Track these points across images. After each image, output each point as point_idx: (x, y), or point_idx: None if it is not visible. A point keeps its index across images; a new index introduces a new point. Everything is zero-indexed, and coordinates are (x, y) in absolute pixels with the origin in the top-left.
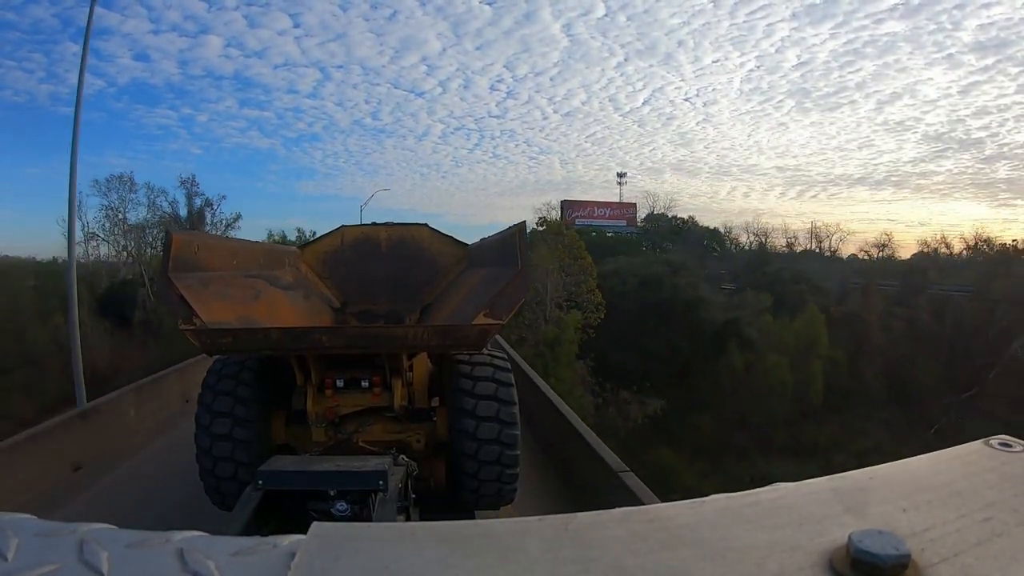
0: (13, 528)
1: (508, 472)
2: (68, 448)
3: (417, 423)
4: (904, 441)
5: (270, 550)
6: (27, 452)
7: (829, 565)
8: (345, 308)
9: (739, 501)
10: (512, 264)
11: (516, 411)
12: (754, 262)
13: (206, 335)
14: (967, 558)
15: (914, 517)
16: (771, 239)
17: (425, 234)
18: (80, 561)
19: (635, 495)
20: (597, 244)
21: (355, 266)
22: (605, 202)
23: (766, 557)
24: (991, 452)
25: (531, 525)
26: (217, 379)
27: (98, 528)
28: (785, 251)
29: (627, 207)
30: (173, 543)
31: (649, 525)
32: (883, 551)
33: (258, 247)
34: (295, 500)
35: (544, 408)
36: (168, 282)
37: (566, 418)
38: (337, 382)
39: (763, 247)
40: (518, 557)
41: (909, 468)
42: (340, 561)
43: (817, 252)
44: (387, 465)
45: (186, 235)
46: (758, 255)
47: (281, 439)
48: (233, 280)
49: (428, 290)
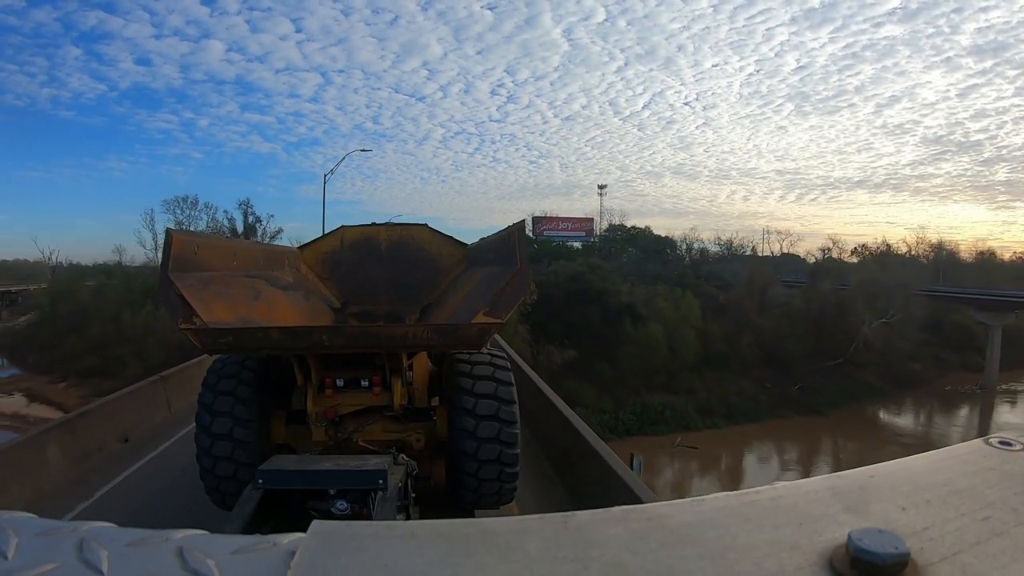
0: (13, 527)
1: (508, 471)
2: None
3: (417, 422)
4: (767, 391)
5: (270, 549)
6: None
7: (828, 564)
8: (345, 308)
9: (738, 500)
10: (511, 263)
11: (516, 409)
12: (695, 263)
13: (206, 335)
14: (966, 557)
15: (913, 516)
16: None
17: (425, 234)
18: (80, 560)
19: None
20: (559, 251)
21: (355, 266)
22: (568, 217)
23: (765, 556)
24: (990, 451)
25: (530, 524)
26: (217, 379)
27: (98, 527)
28: (724, 254)
29: (585, 221)
30: (173, 542)
31: (648, 524)
32: (882, 550)
33: (258, 248)
34: (295, 499)
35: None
36: (168, 282)
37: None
38: (337, 382)
39: (704, 252)
40: (518, 556)
41: (908, 467)
42: (340, 560)
43: (770, 255)
44: (387, 464)
45: (186, 235)
46: (699, 258)
47: (281, 438)
48: (233, 280)
49: (428, 290)
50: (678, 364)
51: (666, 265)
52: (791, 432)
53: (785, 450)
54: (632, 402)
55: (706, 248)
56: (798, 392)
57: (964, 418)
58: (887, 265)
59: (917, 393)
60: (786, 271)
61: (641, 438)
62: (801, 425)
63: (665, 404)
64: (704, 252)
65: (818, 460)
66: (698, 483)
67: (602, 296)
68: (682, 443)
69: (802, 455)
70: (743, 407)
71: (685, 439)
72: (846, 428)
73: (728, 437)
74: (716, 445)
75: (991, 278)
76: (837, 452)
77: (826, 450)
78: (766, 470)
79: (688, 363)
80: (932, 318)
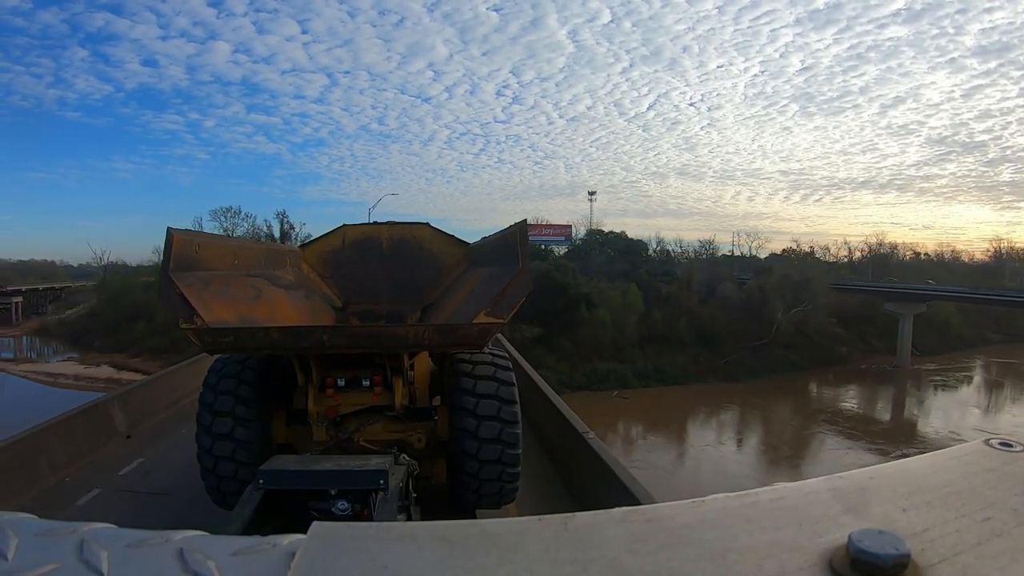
0: (13, 528)
1: (509, 471)
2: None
3: (418, 422)
4: (698, 364)
5: (270, 549)
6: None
7: (829, 565)
8: (346, 307)
9: (738, 501)
10: (513, 263)
11: (517, 410)
12: (661, 262)
13: (207, 334)
14: (967, 558)
15: (914, 517)
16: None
17: (426, 234)
18: (80, 561)
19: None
20: (535, 253)
21: (356, 265)
22: (550, 224)
23: (766, 557)
24: (991, 452)
25: (531, 525)
26: (218, 378)
27: (98, 528)
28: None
29: (564, 228)
30: (173, 543)
31: (648, 525)
32: (883, 551)
33: (259, 247)
34: (296, 499)
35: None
36: (169, 281)
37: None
38: (338, 381)
39: (667, 252)
40: (518, 557)
41: (909, 468)
42: (340, 560)
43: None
44: (388, 464)
45: (187, 234)
46: (664, 258)
47: (282, 438)
48: (234, 279)
49: (429, 289)
50: (624, 341)
51: (632, 264)
52: (708, 392)
53: (696, 402)
54: (584, 368)
55: (669, 249)
56: (724, 365)
57: (863, 387)
58: (809, 264)
59: (837, 370)
60: (748, 269)
61: (589, 392)
62: (719, 388)
63: (610, 370)
64: (667, 252)
65: (718, 410)
66: (624, 423)
67: (565, 288)
68: (619, 395)
69: (707, 405)
70: (674, 374)
71: (622, 394)
72: (756, 391)
73: (657, 394)
74: (645, 399)
75: (921, 275)
76: (736, 404)
77: (727, 402)
78: (674, 412)
79: (632, 340)
80: (864, 310)
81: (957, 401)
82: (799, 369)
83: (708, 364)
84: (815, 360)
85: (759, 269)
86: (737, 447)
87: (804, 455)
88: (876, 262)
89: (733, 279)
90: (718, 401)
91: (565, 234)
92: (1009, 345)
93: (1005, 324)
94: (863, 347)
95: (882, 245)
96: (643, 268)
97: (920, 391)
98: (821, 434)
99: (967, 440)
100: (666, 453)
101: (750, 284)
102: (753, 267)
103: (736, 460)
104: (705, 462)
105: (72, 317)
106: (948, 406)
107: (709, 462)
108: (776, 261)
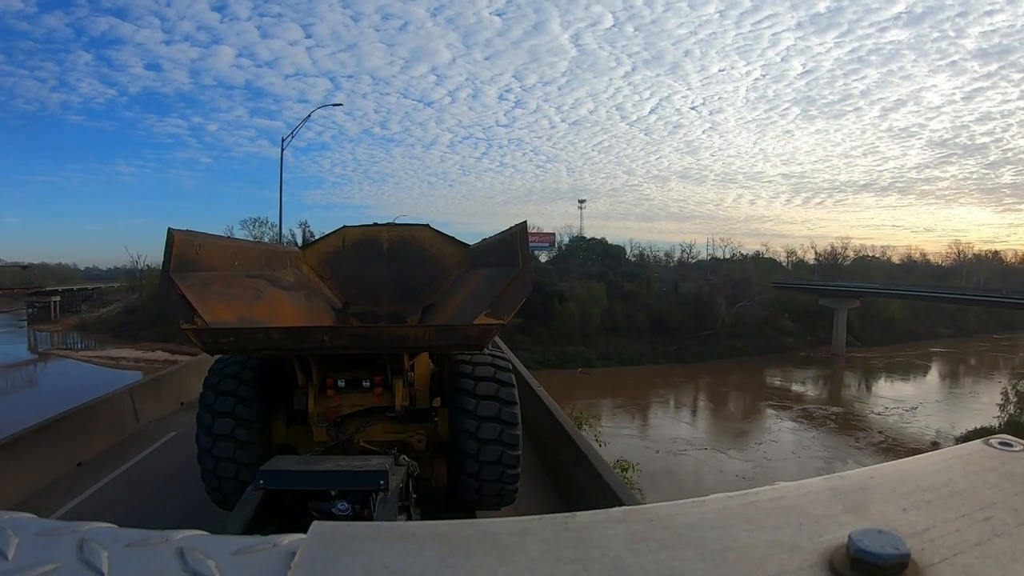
0: (13, 527)
1: (509, 472)
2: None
3: (418, 423)
4: (652, 348)
5: (270, 549)
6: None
7: (829, 565)
8: (347, 308)
9: (739, 501)
10: (513, 264)
11: (518, 411)
12: (635, 265)
13: (208, 335)
14: (967, 558)
15: (914, 517)
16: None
17: (427, 235)
18: (80, 560)
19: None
20: None
21: (357, 267)
22: (536, 232)
23: (766, 557)
24: (991, 452)
25: (531, 525)
26: (219, 379)
27: (98, 527)
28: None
29: (547, 235)
30: (173, 542)
31: (648, 525)
32: (883, 551)
33: (259, 248)
34: (296, 500)
35: None
36: (169, 282)
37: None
38: (338, 382)
39: (643, 256)
40: (518, 557)
41: (909, 468)
42: (340, 560)
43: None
44: (388, 465)
45: (188, 234)
46: (639, 262)
47: (282, 439)
48: (235, 280)
49: (430, 290)
50: (590, 329)
51: (607, 267)
52: (658, 371)
53: (646, 377)
54: (556, 350)
55: (643, 253)
56: (675, 350)
57: (797, 369)
58: (760, 265)
59: (780, 357)
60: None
61: (558, 370)
62: (668, 368)
63: (577, 351)
64: (642, 255)
65: (663, 383)
66: (584, 390)
67: (541, 286)
68: (582, 371)
69: (655, 379)
70: (631, 356)
71: (584, 371)
72: (700, 372)
73: (615, 372)
74: (605, 375)
75: (865, 275)
76: (679, 379)
77: (673, 377)
78: (624, 384)
79: (596, 328)
80: (812, 306)
81: (876, 378)
82: (744, 355)
83: (661, 349)
84: (759, 348)
85: (713, 269)
86: (672, 406)
87: (723, 409)
88: (824, 264)
89: (697, 279)
90: (666, 377)
91: (549, 241)
92: (955, 340)
93: (958, 320)
94: (810, 338)
95: (846, 248)
96: (613, 270)
97: (851, 374)
98: (742, 394)
99: (873, 400)
100: (611, 409)
101: (702, 283)
102: (711, 268)
103: (659, 414)
104: (633, 410)
105: (110, 314)
106: (869, 382)
107: (636, 410)
108: (725, 263)
